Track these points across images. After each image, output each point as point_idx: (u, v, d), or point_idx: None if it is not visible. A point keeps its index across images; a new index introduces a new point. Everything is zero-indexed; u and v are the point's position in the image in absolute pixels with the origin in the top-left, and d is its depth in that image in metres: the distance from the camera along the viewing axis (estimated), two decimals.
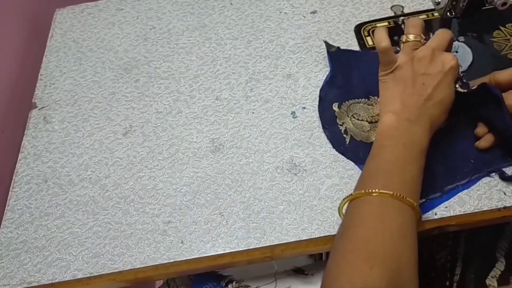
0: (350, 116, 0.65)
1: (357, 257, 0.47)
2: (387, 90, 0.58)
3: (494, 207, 0.56)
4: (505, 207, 0.56)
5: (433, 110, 0.55)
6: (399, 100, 0.56)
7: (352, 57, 0.70)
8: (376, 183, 0.51)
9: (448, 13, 0.63)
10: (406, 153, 0.53)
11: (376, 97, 0.65)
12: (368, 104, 0.65)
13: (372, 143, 0.61)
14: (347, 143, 0.63)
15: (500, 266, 0.64)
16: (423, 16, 0.74)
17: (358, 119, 0.64)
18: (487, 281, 0.63)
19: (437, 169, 0.58)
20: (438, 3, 0.64)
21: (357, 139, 0.63)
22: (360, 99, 0.66)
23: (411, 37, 0.58)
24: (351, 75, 0.68)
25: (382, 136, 0.55)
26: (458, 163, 0.59)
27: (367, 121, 0.64)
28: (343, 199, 0.53)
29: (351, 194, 0.52)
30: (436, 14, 0.73)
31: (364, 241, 0.48)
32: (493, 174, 0.58)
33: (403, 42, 0.59)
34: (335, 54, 0.71)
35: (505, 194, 0.57)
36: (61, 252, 0.60)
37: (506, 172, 0.58)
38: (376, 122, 0.64)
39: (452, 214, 0.56)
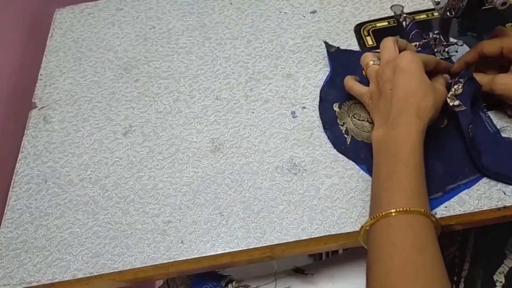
0: (351, 116, 0.65)
1: None
2: (373, 113, 0.61)
3: (494, 207, 0.56)
4: (505, 207, 0.56)
5: (408, 103, 0.55)
6: (378, 114, 0.59)
7: (352, 57, 0.70)
8: (380, 205, 0.51)
9: (447, 13, 0.63)
10: (398, 163, 0.52)
11: None
12: None
13: None
14: (348, 143, 0.63)
15: (508, 263, 0.64)
16: (423, 16, 0.74)
17: (359, 119, 0.64)
18: (495, 277, 0.63)
19: (438, 168, 0.58)
20: (438, 3, 0.64)
21: (358, 139, 0.63)
22: None
23: (370, 63, 0.62)
24: (351, 74, 0.68)
25: (376, 154, 0.56)
26: (459, 163, 0.59)
27: (368, 121, 0.64)
28: (360, 230, 0.53)
29: (363, 225, 0.53)
30: (436, 13, 0.73)
31: (384, 274, 0.47)
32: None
33: (366, 74, 0.63)
34: (334, 54, 0.71)
35: (505, 193, 0.57)
36: (61, 252, 0.60)
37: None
38: None
39: (452, 213, 0.56)
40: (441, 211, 0.56)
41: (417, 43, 0.66)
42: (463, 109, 0.59)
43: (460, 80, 0.60)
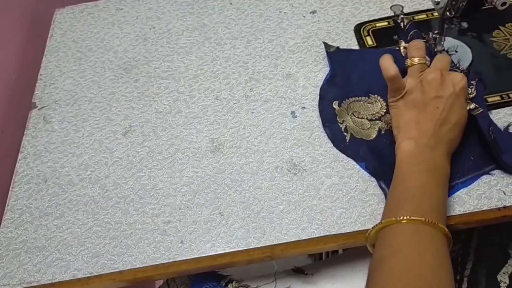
0: (350, 114, 0.65)
1: None
2: (400, 116, 0.57)
3: (494, 207, 0.56)
4: (505, 207, 0.56)
5: (449, 134, 0.55)
6: (414, 126, 0.55)
7: (351, 56, 0.70)
8: (405, 209, 0.50)
9: (447, 13, 0.63)
10: (431, 179, 0.52)
11: (376, 95, 0.65)
12: (368, 102, 0.65)
13: (372, 140, 0.62)
14: (347, 141, 0.63)
15: None
16: (423, 16, 0.74)
17: (358, 117, 0.64)
18: (499, 277, 0.63)
19: None
20: (438, 3, 0.64)
21: (357, 137, 0.63)
22: (360, 97, 0.66)
23: (416, 60, 0.58)
24: (350, 73, 0.68)
25: (404, 163, 0.54)
26: (458, 161, 0.59)
27: (367, 119, 0.64)
28: (373, 228, 0.52)
29: (381, 222, 0.51)
30: (435, 13, 0.73)
31: (403, 273, 0.47)
32: (493, 172, 0.58)
33: (409, 66, 0.59)
34: (334, 54, 0.71)
35: (504, 193, 0.57)
36: (61, 252, 0.60)
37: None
38: (376, 120, 0.64)
39: (452, 213, 0.56)
40: None
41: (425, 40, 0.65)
42: (481, 111, 0.58)
43: (472, 82, 0.59)
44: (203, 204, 0.61)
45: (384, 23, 0.74)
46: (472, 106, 0.59)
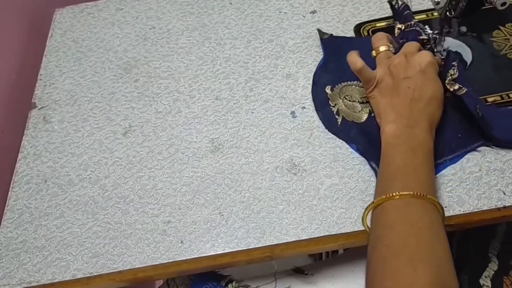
0: (342, 97, 0.67)
1: (398, 262, 0.47)
2: (378, 104, 0.60)
3: (494, 207, 0.56)
4: (504, 207, 0.56)
5: (426, 110, 0.57)
6: (391, 110, 0.58)
7: (344, 43, 0.72)
8: (395, 187, 0.52)
9: (447, 13, 0.63)
10: (415, 156, 0.54)
11: None
12: (359, 86, 0.67)
13: (363, 123, 0.64)
14: (339, 123, 0.65)
15: (493, 266, 0.64)
16: (423, 16, 0.73)
17: (350, 100, 0.66)
18: (481, 281, 0.64)
19: None
20: (438, 3, 0.64)
21: (348, 119, 0.65)
22: (352, 82, 0.68)
23: (381, 48, 0.62)
24: (343, 59, 0.70)
25: (388, 145, 0.56)
26: (445, 138, 0.60)
27: (358, 102, 0.66)
28: (366, 208, 0.53)
29: (373, 202, 0.52)
30: (435, 13, 0.73)
31: (400, 246, 0.48)
32: (480, 148, 0.60)
33: (375, 56, 0.62)
34: (327, 41, 0.73)
35: (504, 193, 0.57)
36: (60, 252, 0.60)
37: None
38: (368, 102, 0.65)
39: (452, 213, 0.56)
40: None
41: (409, 23, 0.66)
42: (465, 91, 0.60)
43: (453, 64, 0.61)
44: (203, 204, 0.61)
45: (384, 23, 0.74)
46: (456, 86, 0.60)
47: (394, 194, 0.51)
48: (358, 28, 0.74)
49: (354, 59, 0.61)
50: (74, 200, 0.64)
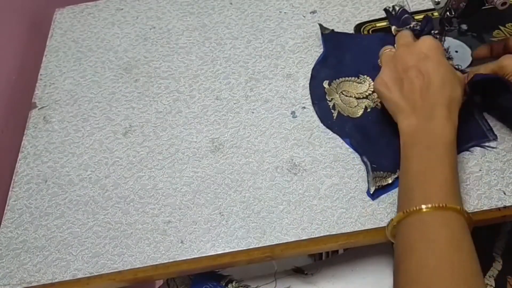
0: (339, 93, 0.67)
1: None
2: (388, 101, 0.57)
3: (494, 207, 0.56)
4: (505, 207, 0.56)
5: (441, 94, 0.53)
6: (404, 103, 0.55)
7: (345, 39, 0.73)
8: (413, 200, 0.49)
9: (447, 13, 0.63)
10: (432, 156, 0.51)
11: (365, 76, 0.68)
12: (357, 82, 0.68)
13: (358, 118, 0.65)
14: (334, 118, 0.66)
15: (497, 266, 0.64)
16: (422, 16, 0.73)
17: (346, 96, 0.67)
18: (485, 281, 0.64)
19: None
20: (438, 3, 0.64)
21: (344, 114, 0.65)
22: (350, 77, 0.68)
23: (386, 51, 0.61)
24: (343, 55, 0.71)
25: (406, 146, 0.53)
26: None
27: (355, 97, 0.66)
28: (387, 224, 0.52)
29: (394, 218, 0.51)
30: (436, 14, 0.73)
31: (418, 271, 0.46)
32: (472, 148, 0.60)
33: (381, 61, 0.61)
34: (329, 36, 0.73)
35: (504, 193, 0.57)
36: (61, 252, 0.60)
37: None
38: (364, 98, 0.66)
39: None
40: None
41: (409, 26, 0.67)
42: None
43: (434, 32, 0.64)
44: (203, 204, 0.61)
45: (384, 23, 0.74)
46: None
47: (412, 209, 0.48)
48: (358, 28, 0.74)
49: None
50: (74, 200, 0.64)
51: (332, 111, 0.66)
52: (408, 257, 0.48)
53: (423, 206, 0.48)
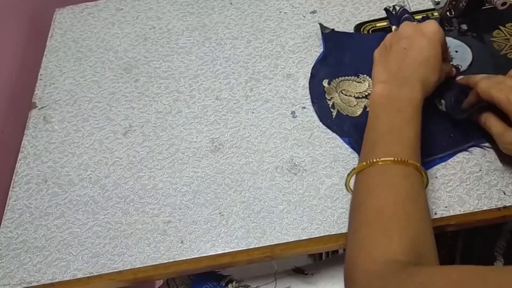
0: (338, 92, 0.68)
1: (373, 231, 0.47)
2: (375, 65, 0.60)
3: (494, 207, 0.56)
4: (505, 207, 0.56)
5: (419, 70, 0.56)
6: (383, 69, 0.58)
7: (345, 38, 0.73)
8: (377, 153, 0.52)
9: (447, 13, 0.63)
10: (400, 118, 0.53)
11: (365, 75, 0.68)
12: (357, 81, 0.68)
13: (357, 117, 0.65)
14: (333, 117, 0.66)
15: (498, 265, 0.64)
16: (421, 17, 0.73)
17: (346, 95, 0.67)
18: None
19: None
20: (438, 3, 0.64)
21: (343, 113, 0.66)
22: (349, 77, 0.69)
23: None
24: (343, 55, 0.71)
25: (375, 105, 0.56)
26: (437, 137, 0.61)
27: (354, 96, 0.67)
28: (348, 174, 0.55)
29: (355, 168, 0.53)
30: (436, 13, 0.73)
31: (377, 213, 0.48)
32: (471, 148, 0.60)
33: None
34: (329, 35, 0.73)
35: (504, 193, 0.57)
36: (61, 252, 0.60)
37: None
38: (363, 98, 0.66)
39: (452, 213, 0.56)
40: (441, 211, 0.56)
41: None
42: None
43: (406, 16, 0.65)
44: (203, 204, 0.61)
45: (384, 23, 0.74)
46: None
47: (375, 160, 0.51)
48: (358, 28, 0.74)
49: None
50: (74, 200, 0.64)
51: (332, 110, 0.66)
52: (367, 202, 0.50)
53: (387, 158, 0.51)
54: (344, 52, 0.71)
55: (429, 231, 0.48)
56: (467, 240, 0.68)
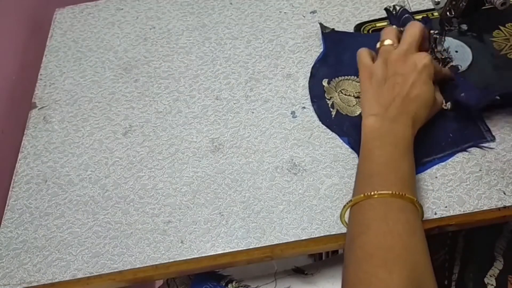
0: (338, 91, 0.68)
1: (372, 265, 0.47)
2: (364, 93, 0.60)
3: (494, 207, 0.56)
4: (505, 207, 0.56)
5: (411, 107, 0.56)
6: (375, 101, 0.58)
7: (345, 38, 0.73)
8: (373, 185, 0.52)
9: (447, 13, 0.63)
10: (394, 152, 0.54)
11: None
12: (356, 81, 0.68)
13: (356, 117, 0.65)
14: (333, 116, 0.66)
15: (498, 265, 0.64)
16: (421, 17, 0.73)
17: (345, 94, 0.67)
18: (486, 280, 0.64)
19: (416, 142, 0.59)
20: (438, 3, 0.64)
21: (342, 113, 0.66)
22: (349, 76, 0.69)
23: (386, 42, 0.61)
24: (343, 54, 0.71)
25: (368, 138, 0.56)
26: (436, 137, 0.61)
27: (354, 96, 0.67)
28: (344, 207, 0.54)
29: (351, 200, 0.52)
30: (436, 14, 0.73)
31: (375, 247, 0.48)
32: (471, 148, 0.60)
33: (378, 48, 0.62)
34: (329, 35, 0.73)
35: (504, 193, 0.57)
36: (61, 252, 0.60)
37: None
38: None
39: (451, 213, 0.56)
40: (441, 211, 0.56)
41: None
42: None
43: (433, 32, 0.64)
44: (203, 204, 0.61)
45: (384, 23, 0.74)
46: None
47: (372, 193, 0.51)
48: (358, 28, 0.74)
49: (361, 49, 0.63)
50: (74, 200, 0.64)
51: (331, 109, 0.66)
52: (365, 234, 0.49)
53: (384, 191, 0.50)
54: (344, 52, 0.71)
55: (428, 264, 0.48)
56: (467, 240, 0.68)
